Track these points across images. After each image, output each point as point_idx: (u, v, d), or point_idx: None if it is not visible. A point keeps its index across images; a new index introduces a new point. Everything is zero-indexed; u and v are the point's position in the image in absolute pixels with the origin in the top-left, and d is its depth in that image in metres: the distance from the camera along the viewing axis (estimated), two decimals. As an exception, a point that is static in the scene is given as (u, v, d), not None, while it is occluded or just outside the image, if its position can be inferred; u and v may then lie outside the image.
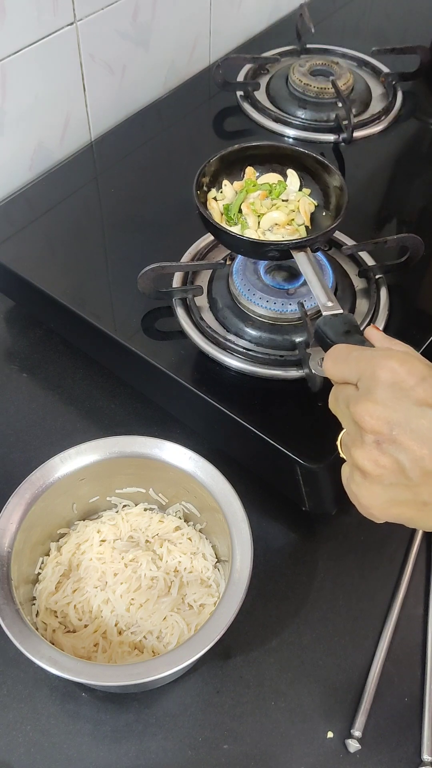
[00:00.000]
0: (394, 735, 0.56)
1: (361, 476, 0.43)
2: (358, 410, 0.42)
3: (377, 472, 0.42)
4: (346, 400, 0.44)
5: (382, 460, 0.41)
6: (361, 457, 0.42)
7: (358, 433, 0.42)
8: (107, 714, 0.57)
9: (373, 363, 0.43)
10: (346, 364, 0.45)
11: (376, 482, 0.42)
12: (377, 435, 0.41)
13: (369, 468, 0.42)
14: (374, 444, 0.41)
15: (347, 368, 0.45)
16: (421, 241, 0.71)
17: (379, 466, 0.41)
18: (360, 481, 0.43)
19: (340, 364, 0.45)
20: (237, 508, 0.56)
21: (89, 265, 0.76)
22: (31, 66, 0.81)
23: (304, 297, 0.68)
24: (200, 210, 0.65)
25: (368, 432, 0.41)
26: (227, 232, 0.64)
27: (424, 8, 1.19)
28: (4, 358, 0.78)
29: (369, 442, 0.41)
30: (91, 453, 0.59)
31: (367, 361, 0.43)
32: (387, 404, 0.41)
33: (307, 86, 0.94)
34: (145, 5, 0.92)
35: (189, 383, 0.65)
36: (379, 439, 0.41)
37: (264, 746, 0.55)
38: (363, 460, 0.42)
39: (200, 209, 0.65)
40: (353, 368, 0.44)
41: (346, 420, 0.44)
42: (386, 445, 0.41)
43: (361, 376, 0.43)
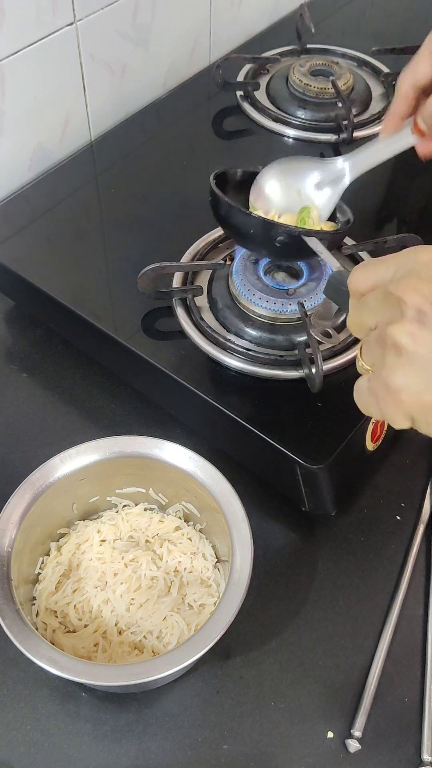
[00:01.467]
0: (394, 735, 0.56)
1: (396, 354, 0.40)
2: (401, 286, 0.40)
3: (415, 348, 0.39)
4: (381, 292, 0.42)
5: (421, 334, 0.39)
6: (399, 331, 0.40)
7: (397, 311, 0.40)
8: (107, 714, 0.57)
9: (414, 251, 0.41)
10: (379, 264, 0.43)
11: (412, 360, 0.40)
12: (420, 310, 0.39)
13: (407, 342, 0.40)
14: (416, 318, 0.39)
15: (382, 266, 0.43)
16: (421, 241, 0.71)
17: (417, 342, 0.39)
18: (393, 361, 0.41)
19: (371, 266, 0.44)
20: (237, 508, 0.56)
21: (89, 265, 0.76)
22: (31, 66, 0.81)
23: (304, 297, 0.68)
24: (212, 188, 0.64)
25: (411, 307, 0.39)
26: (242, 211, 0.63)
27: (424, 8, 1.19)
28: (4, 358, 0.78)
29: (410, 315, 0.40)
30: (91, 453, 0.59)
31: (403, 253, 0.42)
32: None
33: (307, 86, 0.94)
34: (145, 5, 0.92)
35: (189, 383, 0.65)
36: (421, 315, 0.39)
37: (264, 746, 0.56)
38: (401, 334, 0.40)
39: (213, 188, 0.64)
40: (390, 263, 0.42)
41: (378, 310, 0.42)
42: (429, 321, 0.39)
43: (400, 266, 0.42)
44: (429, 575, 0.64)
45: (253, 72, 1.00)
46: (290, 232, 0.62)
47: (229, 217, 0.65)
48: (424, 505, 0.68)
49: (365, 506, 0.68)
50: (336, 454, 0.61)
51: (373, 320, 0.43)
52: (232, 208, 0.64)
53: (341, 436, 0.61)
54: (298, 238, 0.62)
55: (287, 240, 0.62)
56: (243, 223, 0.65)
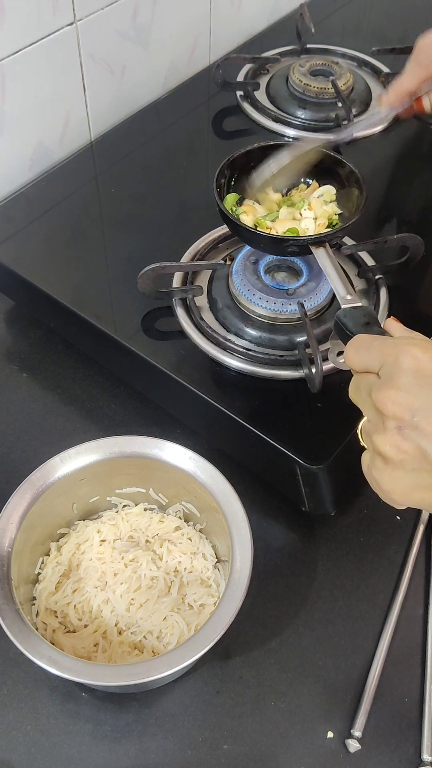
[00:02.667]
0: (394, 735, 0.56)
1: (383, 462, 0.43)
2: (380, 397, 0.42)
3: (399, 458, 0.42)
4: (368, 388, 0.44)
5: (403, 445, 0.42)
6: (382, 443, 0.42)
7: (379, 420, 0.43)
8: (107, 714, 0.57)
9: (396, 350, 0.43)
10: (368, 352, 0.45)
11: (398, 467, 0.42)
12: (399, 421, 0.41)
13: (391, 453, 0.42)
14: (396, 430, 0.42)
15: (369, 356, 0.45)
16: (421, 241, 0.71)
17: (401, 451, 0.42)
18: (382, 467, 0.43)
19: (362, 352, 0.46)
20: (237, 508, 0.56)
21: (89, 265, 0.76)
22: (31, 66, 0.81)
23: (303, 297, 0.68)
24: (220, 206, 0.65)
25: (390, 418, 0.42)
26: (248, 229, 0.65)
27: (424, 8, 1.19)
28: (4, 358, 0.78)
29: (391, 428, 0.42)
30: (91, 453, 0.59)
31: (389, 348, 0.44)
32: (409, 391, 0.41)
33: (307, 86, 0.94)
34: (145, 5, 0.92)
35: (189, 383, 0.65)
36: (400, 425, 0.41)
37: (264, 746, 0.56)
38: (385, 446, 0.42)
39: (220, 206, 0.65)
40: (375, 356, 0.44)
41: (367, 408, 0.45)
42: (408, 431, 0.41)
43: (384, 364, 0.43)
44: (429, 575, 0.64)
45: (253, 72, 1.01)
46: (299, 243, 0.64)
47: (239, 233, 0.67)
48: (424, 505, 0.68)
49: (365, 506, 0.68)
50: (336, 454, 0.61)
51: (364, 410, 0.46)
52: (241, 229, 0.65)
53: (341, 436, 0.61)
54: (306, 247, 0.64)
55: (297, 249, 0.65)
56: (254, 240, 0.67)
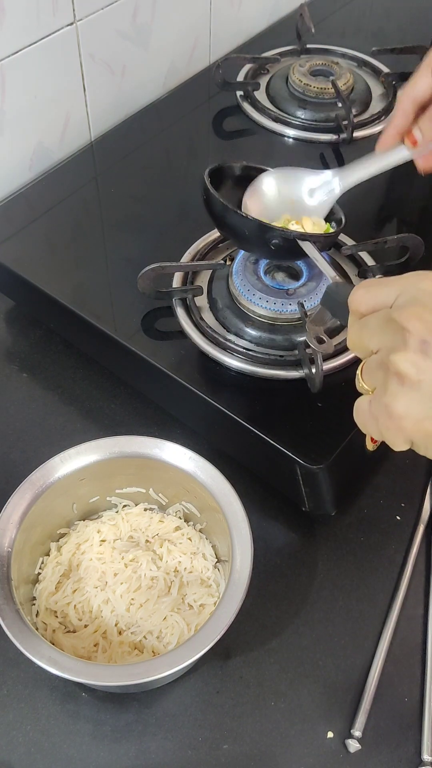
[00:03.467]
0: (394, 735, 0.56)
1: (399, 383, 0.41)
2: (405, 313, 0.40)
3: (418, 377, 0.40)
4: (383, 318, 0.42)
5: (425, 364, 0.40)
6: (402, 360, 0.40)
7: (400, 338, 0.41)
8: (107, 714, 0.57)
9: (416, 278, 0.42)
10: (381, 286, 0.43)
11: (414, 389, 0.40)
12: (424, 340, 0.40)
13: (411, 371, 0.40)
14: (420, 347, 0.40)
15: (384, 290, 0.43)
16: (421, 241, 0.71)
17: (421, 370, 0.40)
18: (396, 389, 0.41)
19: (374, 288, 0.44)
20: (237, 508, 0.56)
21: (89, 265, 0.76)
22: (31, 66, 0.81)
23: (303, 297, 0.68)
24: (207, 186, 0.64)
25: (414, 336, 0.40)
26: (235, 212, 0.63)
27: (424, 8, 1.19)
28: (4, 358, 0.78)
29: (414, 345, 0.40)
30: (91, 453, 0.59)
31: (406, 279, 0.42)
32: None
33: (307, 86, 0.94)
34: (145, 5, 0.92)
35: (189, 383, 0.65)
36: (425, 345, 0.40)
37: (264, 746, 0.56)
38: (405, 363, 0.40)
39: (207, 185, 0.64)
40: (392, 287, 0.43)
41: (380, 335, 0.42)
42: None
43: (403, 291, 0.42)
44: (429, 575, 0.64)
45: (253, 72, 1.00)
46: (285, 236, 0.62)
47: (224, 217, 0.65)
48: (424, 505, 0.68)
49: (365, 506, 0.68)
50: (336, 454, 0.61)
51: (374, 343, 0.43)
52: (228, 210, 0.64)
53: (341, 436, 0.61)
54: (293, 241, 0.62)
55: (282, 243, 0.63)
56: (238, 225, 0.65)
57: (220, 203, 0.64)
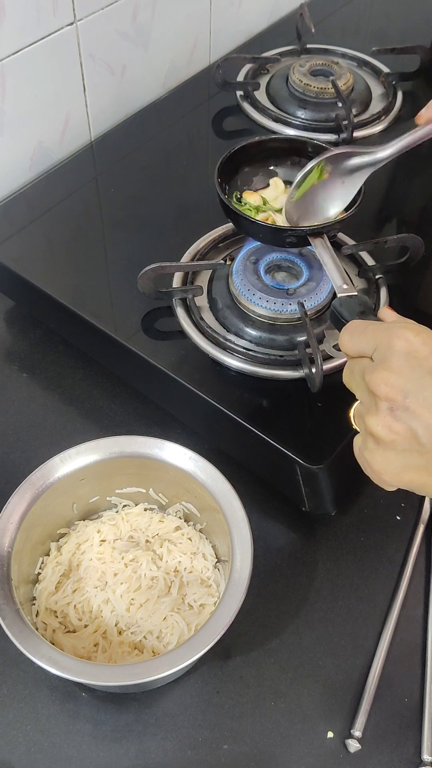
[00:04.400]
0: (394, 735, 0.56)
1: (375, 443, 0.44)
2: (373, 378, 0.43)
3: (390, 438, 0.43)
4: (361, 372, 0.45)
5: (395, 426, 0.43)
6: (375, 424, 0.43)
7: (372, 402, 0.44)
8: (107, 714, 0.57)
9: (389, 333, 0.44)
10: (362, 336, 0.46)
11: (389, 448, 0.43)
12: (391, 402, 0.42)
13: (383, 434, 0.43)
14: (388, 411, 0.43)
15: (363, 340, 0.46)
16: (421, 241, 0.71)
17: (392, 432, 0.43)
18: (373, 447, 0.44)
19: (356, 336, 0.47)
20: (237, 508, 0.56)
21: (89, 265, 0.76)
22: (31, 66, 0.81)
23: (303, 297, 0.68)
24: (220, 197, 0.65)
25: (383, 399, 0.43)
26: (248, 219, 0.65)
27: (424, 8, 1.19)
28: (4, 358, 0.78)
29: (383, 409, 0.43)
30: (91, 453, 0.59)
31: (382, 332, 0.45)
32: (402, 373, 0.42)
33: (307, 86, 0.94)
34: (145, 5, 0.92)
35: (189, 383, 0.65)
36: (393, 407, 0.42)
37: (264, 746, 0.56)
38: (377, 427, 0.43)
39: (221, 196, 0.65)
40: (370, 340, 0.45)
41: (360, 391, 0.46)
42: (400, 412, 0.42)
43: (378, 347, 0.44)
44: (429, 575, 0.64)
45: (253, 72, 1.00)
46: (297, 234, 0.64)
47: (238, 223, 0.67)
48: (424, 505, 0.68)
49: (365, 506, 0.68)
50: (336, 454, 0.61)
51: (357, 394, 0.47)
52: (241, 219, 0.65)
53: (341, 436, 0.61)
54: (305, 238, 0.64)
55: (296, 240, 0.65)
56: (252, 229, 0.67)
57: (233, 213, 0.66)
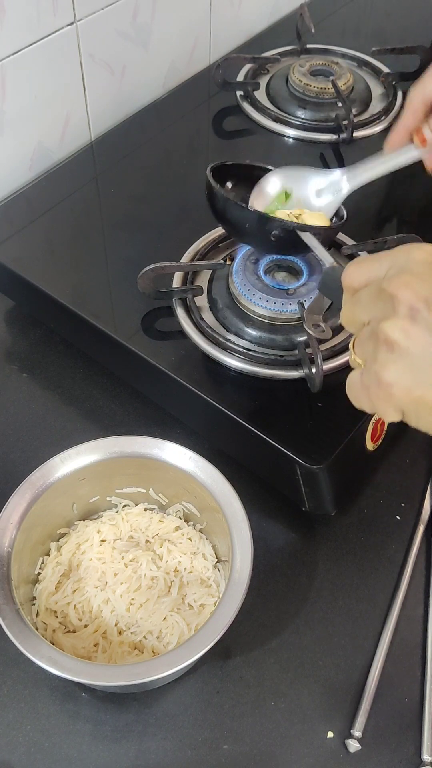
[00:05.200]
0: (394, 735, 0.56)
1: (388, 350, 0.41)
2: (394, 282, 0.41)
3: (406, 344, 0.40)
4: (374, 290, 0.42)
5: (413, 331, 0.40)
6: (391, 327, 0.41)
7: (390, 307, 0.41)
8: (107, 714, 0.57)
9: (407, 248, 0.42)
10: (373, 261, 0.44)
11: (403, 356, 0.41)
12: (412, 306, 0.40)
13: (400, 339, 0.40)
14: (408, 315, 0.40)
15: (376, 264, 0.43)
16: (420, 240, 0.71)
17: (409, 337, 0.40)
18: (385, 356, 0.41)
19: (367, 263, 0.44)
20: (237, 508, 0.56)
21: (89, 265, 0.76)
22: (31, 66, 0.81)
23: (303, 297, 0.68)
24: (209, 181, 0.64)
25: (404, 303, 0.40)
26: (236, 203, 0.63)
27: (424, 8, 1.19)
28: (4, 358, 0.78)
29: (402, 312, 0.40)
30: (91, 453, 0.59)
31: (398, 250, 0.43)
32: (425, 279, 0.40)
33: (307, 86, 0.94)
34: (145, 5, 0.92)
35: (189, 383, 0.65)
36: (413, 311, 0.40)
37: (264, 746, 0.56)
38: (394, 330, 0.40)
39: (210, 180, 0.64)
40: (383, 260, 0.43)
41: (371, 307, 0.43)
42: (421, 316, 0.40)
43: (394, 263, 0.42)
44: (429, 575, 0.64)
45: (253, 72, 1.00)
46: (285, 227, 0.63)
47: (225, 210, 0.66)
48: (424, 505, 0.68)
49: (365, 506, 0.68)
50: (336, 454, 0.61)
51: (365, 315, 0.44)
52: (228, 202, 0.64)
53: (341, 436, 0.62)
54: (293, 232, 0.62)
55: (282, 234, 0.63)
56: (239, 217, 0.65)
57: (222, 196, 0.64)
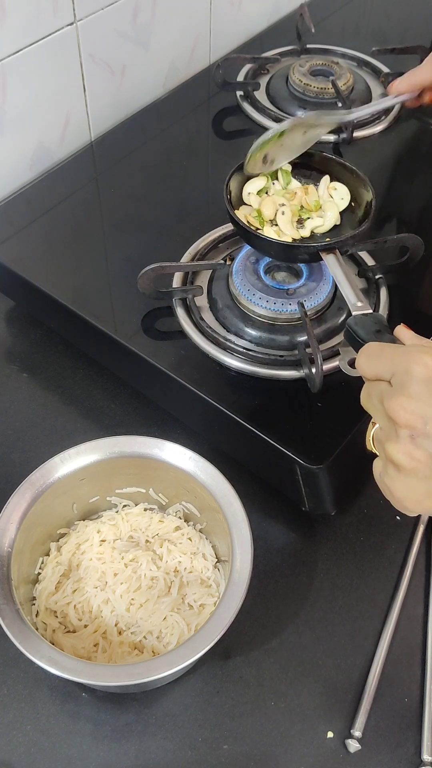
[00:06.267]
0: (394, 735, 0.56)
1: (395, 470, 0.44)
2: (392, 405, 0.43)
3: (411, 466, 0.42)
4: (379, 397, 0.45)
5: (416, 453, 0.42)
6: (395, 451, 0.43)
7: (392, 428, 0.43)
8: (107, 714, 0.57)
9: (407, 358, 0.43)
10: (379, 360, 0.46)
11: (410, 475, 0.43)
12: (411, 429, 0.42)
13: (403, 462, 0.42)
14: (408, 438, 0.42)
15: (381, 364, 0.45)
16: (421, 241, 0.71)
17: (413, 459, 0.42)
18: (394, 474, 0.44)
19: (373, 360, 0.46)
20: (237, 508, 0.56)
21: (89, 265, 0.76)
22: (31, 66, 0.81)
23: (303, 297, 0.68)
24: (230, 213, 0.65)
25: (402, 426, 0.42)
26: (259, 236, 0.64)
27: (424, 8, 1.19)
28: (4, 358, 0.78)
29: (403, 436, 0.42)
30: (91, 453, 0.59)
31: (400, 356, 0.44)
32: (421, 399, 0.42)
33: (307, 86, 0.94)
34: (145, 5, 0.92)
35: (189, 383, 0.65)
36: (413, 434, 0.42)
37: (264, 746, 0.56)
38: (397, 454, 0.43)
39: (230, 213, 0.65)
40: (387, 364, 0.45)
41: (379, 416, 0.45)
42: (420, 439, 0.42)
43: (395, 372, 0.44)
44: (429, 575, 0.64)
45: (253, 72, 1.00)
46: (309, 251, 0.64)
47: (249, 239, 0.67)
48: (424, 505, 0.68)
49: (365, 506, 0.68)
50: (336, 454, 0.61)
51: (375, 418, 0.46)
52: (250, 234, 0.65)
53: (341, 436, 0.61)
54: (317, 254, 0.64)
55: (308, 257, 0.65)
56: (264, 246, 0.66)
57: (243, 230, 0.65)
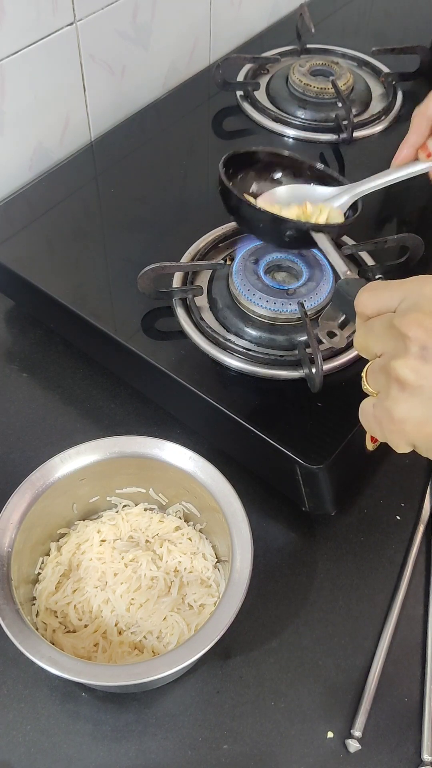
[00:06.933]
0: (394, 735, 0.56)
1: (400, 388, 0.42)
2: (405, 320, 0.41)
3: (418, 383, 0.41)
4: (385, 322, 0.43)
5: (424, 370, 0.40)
6: (402, 366, 0.41)
7: (401, 344, 0.41)
8: (107, 714, 0.57)
9: (420, 282, 0.42)
10: (386, 290, 0.44)
11: (415, 394, 0.41)
12: (424, 346, 0.40)
13: (410, 377, 0.41)
14: (419, 352, 0.41)
15: (387, 293, 0.44)
16: (421, 241, 0.71)
17: (421, 376, 0.41)
18: (397, 394, 0.42)
19: (379, 292, 0.45)
20: (237, 508, 0.56)
21: (89, 265, 0.76)
22: (31, 66, 0.81)
23: (303, 297, 0.68)
24: (221, 178, 0.64)
25: (414, 341, 0.41)
26: (249, 206, 0.63)
27: (424, 8, 1.19)
28: (4, 358, 0.78)
29: (413, 350, 0.41)
30: (91, 453, 0.59)
31: (410, 282, 0.43)
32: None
33: (307, 86, 0.94)
34: (145, 5, 0.92)
35: (189, 383, 0.65)
36: (424, 351, 0.40)
37: (264, 746, 0.56)
38: (404, 369, 0.41)
39: (222, 179, 0.64)
40: (395, 292, 0.43)
41: (384, 340, 0.43)
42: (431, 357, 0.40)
43: (407, 296, 0.42)
44: (429, 575, 0.64)
45: (253, 72, 1.00)
46: (299, 227, 0.63)
47: (238, 209, 0.66)
48: (424, 505, 0.68)
49: (365, 506, 0.68)
50: (336, 454, 0.61)
51: (377, 347, 0.44)
52: (242, 203, 0.64)
53: (341, 436, 0.62)
54: (306, 232, 0.63)
55: (296, 234, 0.63)
56: (252, 217, 0.65)
57: (235, 197, 0.64)
